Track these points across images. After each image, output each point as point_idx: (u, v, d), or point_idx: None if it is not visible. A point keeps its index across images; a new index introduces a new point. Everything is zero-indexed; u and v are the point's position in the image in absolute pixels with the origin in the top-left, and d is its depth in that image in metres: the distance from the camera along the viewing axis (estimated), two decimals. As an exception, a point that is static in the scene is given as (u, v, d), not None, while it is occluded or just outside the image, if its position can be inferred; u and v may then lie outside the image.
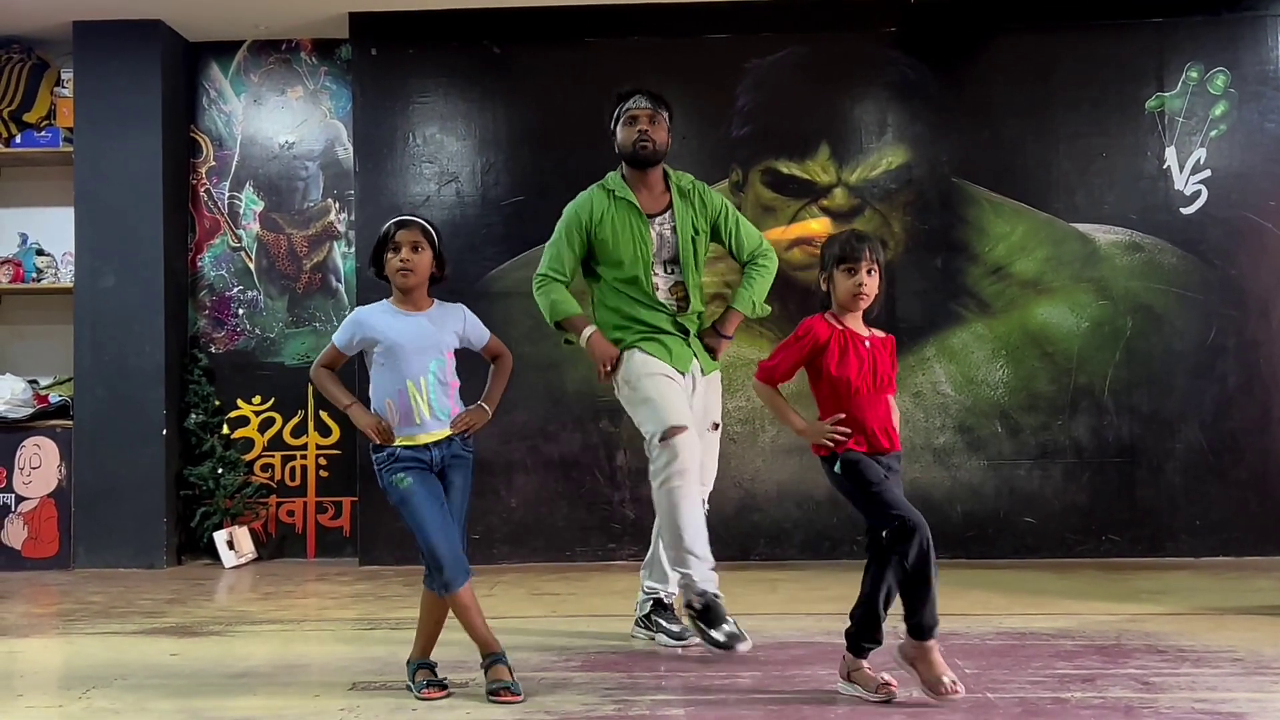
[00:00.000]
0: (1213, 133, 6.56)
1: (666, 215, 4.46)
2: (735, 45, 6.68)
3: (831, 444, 3.54)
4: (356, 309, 3.84)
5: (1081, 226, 6.58)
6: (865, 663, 3.53)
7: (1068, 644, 4.26)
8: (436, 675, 3.67)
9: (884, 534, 3.45)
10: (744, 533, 6.47)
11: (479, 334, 3.86)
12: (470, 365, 3.87)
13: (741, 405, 6.54)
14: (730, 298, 4.62)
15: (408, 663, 3.73)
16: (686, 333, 4.41)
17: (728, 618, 4.11)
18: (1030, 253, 6.59)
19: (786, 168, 6.64)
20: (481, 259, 6.65)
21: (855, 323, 3.63)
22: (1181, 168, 6.55)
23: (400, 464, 3.64)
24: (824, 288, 3.67)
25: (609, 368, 4.33)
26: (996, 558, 6.41)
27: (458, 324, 3.79)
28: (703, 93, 6.64)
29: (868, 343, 3.60)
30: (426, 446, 3.65)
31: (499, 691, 3.53)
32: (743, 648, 4.05)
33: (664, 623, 4.39)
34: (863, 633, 3.49)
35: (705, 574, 4.17)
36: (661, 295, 4.41)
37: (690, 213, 4.47)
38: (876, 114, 6.69)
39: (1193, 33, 6.58)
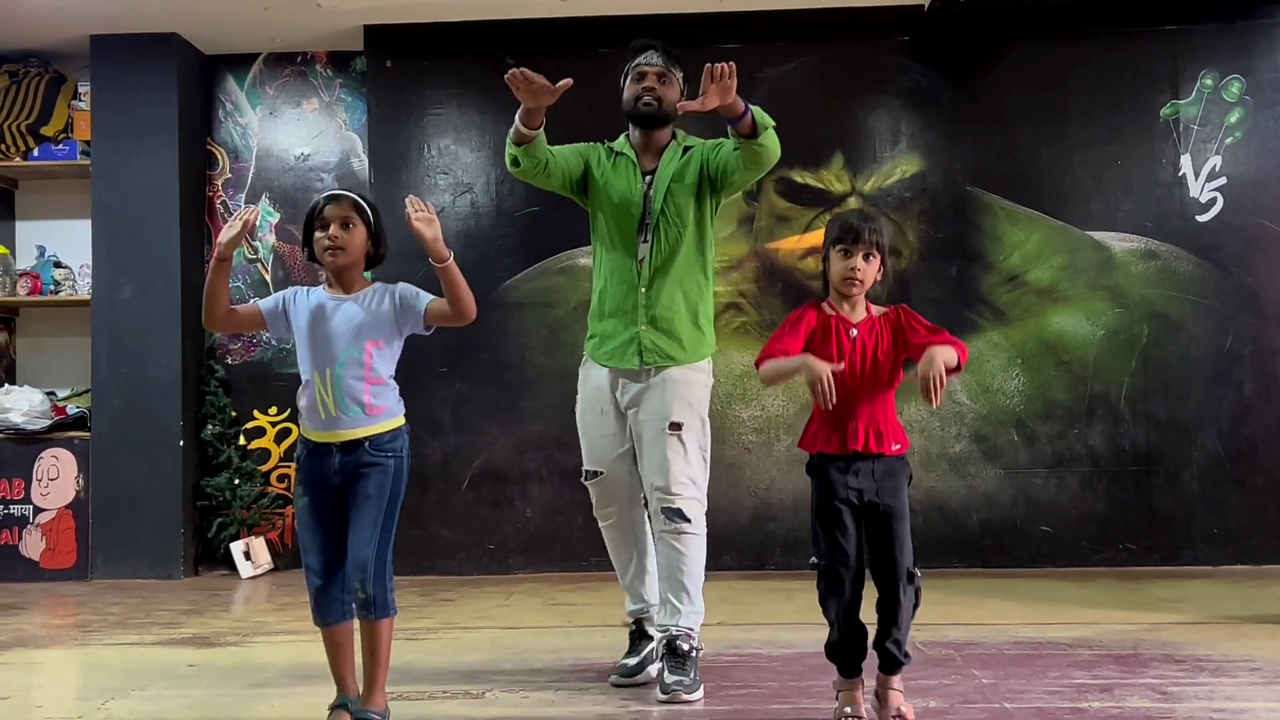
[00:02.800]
0: (1228, 140, 6.54)
1: (653, 175, 4.01)
2: (748, 55, 6.62)
3: (819, 389, 3.10)
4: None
5: (1096, 234, 6.57)
6: (854, 683, 3.33)
7: (1085, 653, 4.25)
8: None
9: (812, 559, 3.34)
10: (759, 541, 6.47)
11: (412, 306, 3.31)
12: (485, 374, 3.85)
13: (756, 414, 6.54)
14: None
15: None
16: (653, 320, 3.92)
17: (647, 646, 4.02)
18: (1045, 261, 6.58)
19: (801, 177, 6.65)
20: (496, 270, 6.66)
21: (850, 308, 3.34)
22: (1197, 175, 6.53)
23: (302, 473, 3.31)
24: (822, 267, 3.40)
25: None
26: (1013, 567, 6.39)
27: (385, 304, 3.30)
28: (716, 102, 6.64)
29: (854, 331, 3.30)
30: (330, 449, 3.24)
31: None
32: (636, 678, 3.94)
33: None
34: (829, 655, 3.37)
35: (631, 606, 4.11)
36: (643, 267, 3.96)
37: (675, 163, 4.00)
38: (890, 123, 6.69)
39: (1207, 40, 6.57)
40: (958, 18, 6.58)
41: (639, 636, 4.07)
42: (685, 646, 3.79)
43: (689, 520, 3.85)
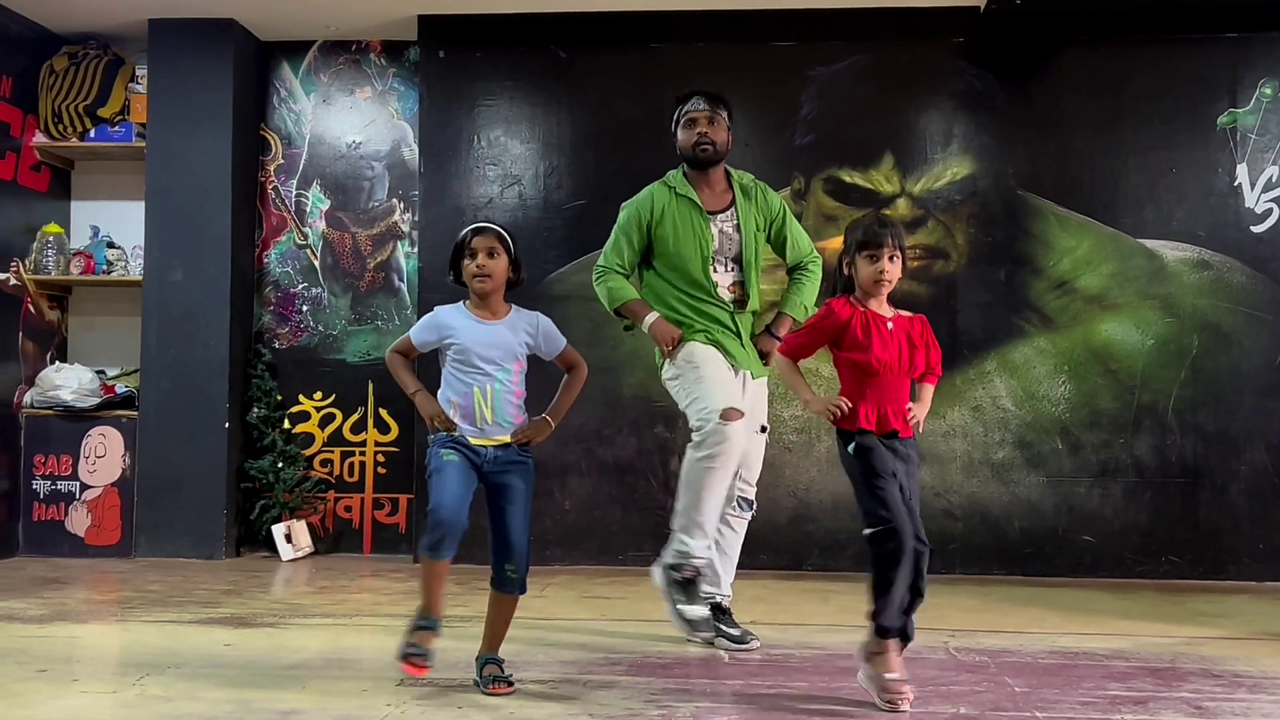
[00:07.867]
0: (1287, 150, 6.45)
1: (729, 213, 4.51)
2: (800, 53, 6.66)
3: (834, 415, 3.62)
4: (437, 309, 3.80)
5: (1149, 242, 6.49)
6: (890, 645, 3.55)
7: (1121, 665, 4.20)
8: (423, 640, 3.71)
9: (866, 530, 3.58)
10: (797, 542, 6.44)
11: (552, 343, 3.86)
12: (540, 374, 3.90)
13: (797, 415, 6.52)
14: (781, 302, 4.66)
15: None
16: (740, 335, 4.47)
17: (703, 602, 4.33)
18: (1096, 268, 6.51)
19: (849, 177, 6.61)
20: (542, 262, 6.68)
21: (878, 305, 3.70)
22: (1253, 185, 6.43)
23: (456, 446, 3.66)
24: (845, 271, 3.72)
25: (671, 347, 4.38)
26: (1053, 575, 6.33)
27: (531, 333, 3.78)
28: (766, 100, 6.63)
29: (890, 324, 3.66)
30: (484, 448, 3.68)
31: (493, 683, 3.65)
32: (703, 634, 4.33)
33: (724, 627, 4.40)
34: (878, 615, 3.56)
35: (703, 549, 4.28)
36: (722, 292, 4.47)
37: (752, 210, 4.54)
38: (942, 124, 6.64)
39: (1268, 48, 6.46)
40: (1013, 20, 6.51)
41: (720, 612, 4.42)
42: (729, 606, 4.45)
43: (753, 510, 4.55)
